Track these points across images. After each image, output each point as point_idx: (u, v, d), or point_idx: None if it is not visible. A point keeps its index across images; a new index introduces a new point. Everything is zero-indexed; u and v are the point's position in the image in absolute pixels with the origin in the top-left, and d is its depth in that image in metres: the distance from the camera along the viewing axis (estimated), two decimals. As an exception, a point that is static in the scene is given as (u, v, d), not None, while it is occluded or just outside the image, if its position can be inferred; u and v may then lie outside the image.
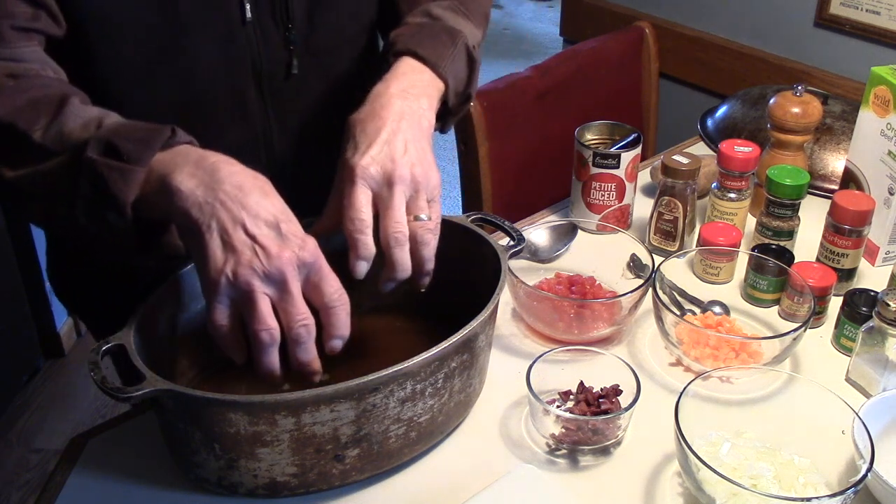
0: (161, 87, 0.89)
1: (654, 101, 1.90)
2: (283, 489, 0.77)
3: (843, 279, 1.06)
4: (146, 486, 0.81)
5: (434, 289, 0.97)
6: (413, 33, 0.94)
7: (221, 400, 0.70)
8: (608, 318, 0.97)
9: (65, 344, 2.50)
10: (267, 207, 0.72)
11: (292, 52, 0.95)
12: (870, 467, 0.72)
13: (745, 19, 1.88)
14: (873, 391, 0.91)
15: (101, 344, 0.75)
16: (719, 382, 0.86)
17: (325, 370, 0.92)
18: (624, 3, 2.10)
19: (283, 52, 0.94)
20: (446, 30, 0.96)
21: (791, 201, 1.08)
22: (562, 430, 0.84)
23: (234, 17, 0.89)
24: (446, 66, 0.92)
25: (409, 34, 0.94)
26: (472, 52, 0.97)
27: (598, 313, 0.97)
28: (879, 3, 1.64)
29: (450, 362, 0.78)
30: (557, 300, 0.97)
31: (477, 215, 0.95)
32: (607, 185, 1.15)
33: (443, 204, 0.87)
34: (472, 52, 0.97)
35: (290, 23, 0.93)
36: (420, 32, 0.95)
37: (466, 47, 0.96)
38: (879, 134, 1.11)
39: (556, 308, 0.97)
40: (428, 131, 0.87)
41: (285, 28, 0.93)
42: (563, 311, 0.96)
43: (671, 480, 0.82)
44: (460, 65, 0.95)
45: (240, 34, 0.90)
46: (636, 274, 1.05)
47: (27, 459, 2.17)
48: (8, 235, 2.24)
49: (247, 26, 0.90)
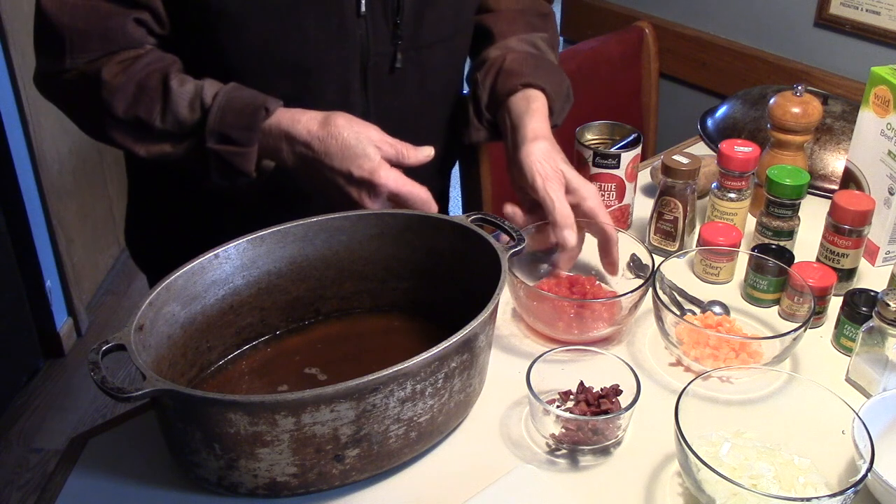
0: (272, 78, 0.97)
1: (654, 101, 1.90)
2: (283, 489, 0.77)
3: (843, 279, 1.06)
4: (146, 486, 0.81)
5: (434, 289, 0.97)
6: (535, 67, 1.08)
7: (221, 400, 0.70)
8: (608, 318, 0.97)
9: (65, 344, 2.50)
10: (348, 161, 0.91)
11: (398, 46, 1.01)
12: (870, 467, 0.72)
13: (745, 19, 1.88)
14: (873, 391, 0.91)
15: (100, 344, 0.75)
16: (719, 382, 0.86)
17: (325, 370, 0.93)
18: (624, 3, 2.10)
19: (389, 47, 1.01)
20: (553, 67, 1.12)
21: (791, 201, 1.08)
22: (562, 430, 0.84)
23: (350, 9, 0.96)
24: (557, 104, 1.09)
25: (531, 67, 1.08)
26: (569, 92, 1.13)
27: (598, 313, 0.97)
28: (879, 3, 1.64)
29: (450, 362, 0.78)
30: (557, 300, 0.97)
31: (477, 215, 0.95)
32: (607, 185, 1.15)
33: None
34: (570, 91, 1.14)
35: (399, 18, 0.99)
36: (540, 67, 1.09)
37: (568, 86, 1.12)
38: (879, 134, 1.11)
39: (556, 308, 0.97)
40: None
41: (394, 23, 0.99)
42: (562, 311, 0.96)
43: (671, 480, 0.82)
44: (561, 104, 1.11)
45: (353, 27, 0.97)
46: (636, 274, 1.05)
47: (27, 459, 2.17)
48: (8, 235, 2.23)
49: (360, 19, 0.97)
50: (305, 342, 0.96)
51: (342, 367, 0.92)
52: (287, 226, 0.92)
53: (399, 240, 0.96)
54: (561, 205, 0.97)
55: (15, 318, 2.31)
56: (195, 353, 0.88)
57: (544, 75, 1.08)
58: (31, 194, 2.30)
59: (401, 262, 0.97)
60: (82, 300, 2.61)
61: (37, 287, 2.37)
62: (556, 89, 1.08)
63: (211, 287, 0.88)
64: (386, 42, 1.00)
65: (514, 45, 1.12)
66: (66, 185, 2.50)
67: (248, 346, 0.94)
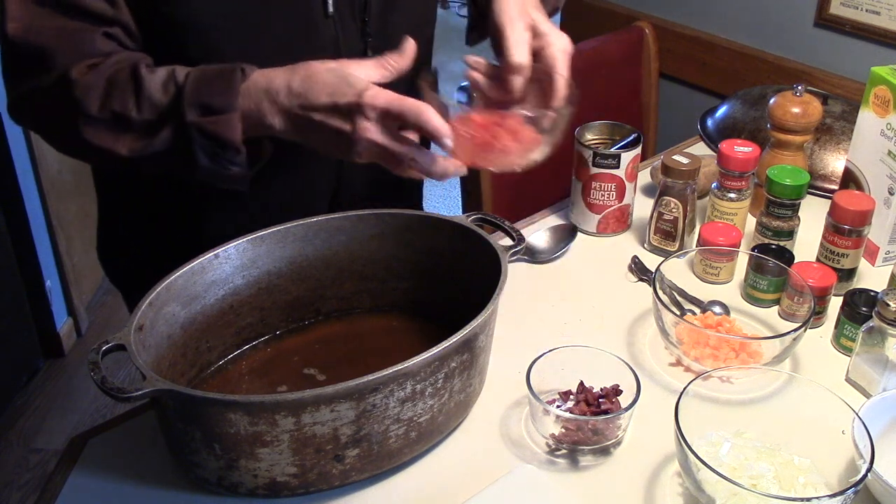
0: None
1: (654, 101, 1.90)
2: (283, 489, 0.77)
3: (843, 279, 1.06)
4: (146, 486, 0.81)
5: (434, 289, 0.97)
6: None
7: (221, 400, 0.70)
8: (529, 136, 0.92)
9: (65, 344, 2.50)
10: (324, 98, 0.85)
11: (368, 43, 1.01)
12: (870, 467, 0.72)
13: (745, 19, 1.88)
14: (873, 391, 0.91)
15: (100, 344, 0.75)
16: (719, 382, 0.86)
17: (324, 370, 0.93)
18: (624, 3, 2.10)
19: (359, 43, 1.01)
20: None
21: (791, 201, 1.08)
22: (562, 430, 0.84)
23: (318, 11, 0.96)
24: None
25: None
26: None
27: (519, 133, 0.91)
28: (879, 3, 1.64)
29: (450, 362, 0.78)
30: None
31: (477, 215, 0.95)
32: (607, 185, 1.15)
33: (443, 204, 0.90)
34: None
35: (366, 15, 0.99)
36: None
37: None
38: (879, 134, 1.11)
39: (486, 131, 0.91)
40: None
41: (362, 22, 0.99)
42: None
43: (671, 480, 0.82)
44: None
45: (323, 28, 0.97)
46: (639, 276, 1.05)
47: (27, 459, 2.17)
48: (8, 235, 2.23)
49: (329, 20, 0.96)
50: (305, 342, 0.96)
51: (342, 367, 0.92)
52: (287, 226, 0.92)
53: (399, 240, 0.96)
54: (517, 50, 0.93)
55: (15, 318, 2.31)
56: (195, 353, 0.88)
57: None
58: (31, 194, 2.30)
59: (401, 262, 0.97)
60: (82, 300, 2.61)
61: (37, 287, 2.37)
62: None
63: (211, 287, 0.88)
64: (356, 39, 1.00)
65: None
66: (66, 185, 2.50)
67: (247, 346, 0.94)
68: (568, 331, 1.02)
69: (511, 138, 0.89)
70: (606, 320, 1.04)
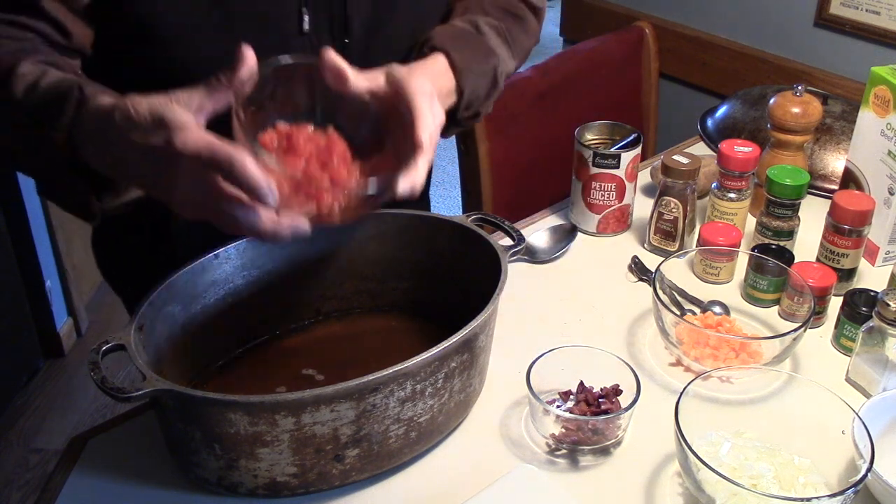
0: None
1: (654, 101, 1.90)
2: (283, 489, 0.77)
3: (843, 279, 1.06)
4: (146, 486, 0.81)
5: (434, 289, 0.97)
6: (454, 36, 0.96)
7: (221, 400, 0.70)
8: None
9: (65, 344, 2.50)
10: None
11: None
12: (870, 467, 0.72)
13: (745, 19, 1.88)
14: (873, 391, 0.91)
15: (101, 344, 0.75)
16: (719, 382, 0.86)
17: (324, 370, 0.93)
18: (624, 3, 2.10)
19: None
20: (485, 47, 0.98)
21: (791, 201, 1.08)
22: (562, 430, 0.84)
23: (291, 26, 0.90)
24: (469, 79, 0.94)
25: (449, 35, 0.96)
26: (498, 77, 0.99)
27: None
28: (879, 3, 1.64)
29: (450, 362, 0.78)
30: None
31: (477, 215, 0.95)
32: (607, 185, 1.15)
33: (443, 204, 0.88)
34: (499, 77, 0.99)
35: (348, 38, 0.93)
36: (461, 38, 0.96)
37: (495, 70, 0.98)
38: (879, 134, 1.11)
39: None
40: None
41: (342, 44, 0.93)
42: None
43: (671, 480, 0.82)
44: (482, 83, 0.96)
45: (295, 45, 0.91)
46: (639, 276, 1.05)
47: (27, 459, 2.17)
48: (8, 235, 2.24)
49: (303, 37, 0.91)
50: (305, 342, 0.96)
51: (342, 367, 0.92)
52: (287, 226, 0.92)
53: (399, 240, 0.96)
54: (425, 132, 0.75)
55: (15, 318, 2.31)
56: (195, 353, 0.88)
57: (459, 46, 0.93)
58: (31, 194, 2.29)
59: (401, 262, 0.97)
60: (82, 300, 2.61)
61: (37, 287, 2.37)
62: (466, 62, 0.93)
63: (211, 287, 0.88)
64: None
65: (454, 22, 0.99)
66: (66, 185, 2.50)
67: (247, 346, 0.94)
68: (568, 331, 1.02)
69: (334, 178, 0.73)
70: (606, 320, 1.04)
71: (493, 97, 1.00)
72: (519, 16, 1.07)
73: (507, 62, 1.01)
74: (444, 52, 0.92)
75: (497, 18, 1.03)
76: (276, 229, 0.69)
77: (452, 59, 0.92)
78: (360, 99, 0.77)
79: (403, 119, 0.75)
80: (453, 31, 0.97)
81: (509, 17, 1.05)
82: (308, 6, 0.89)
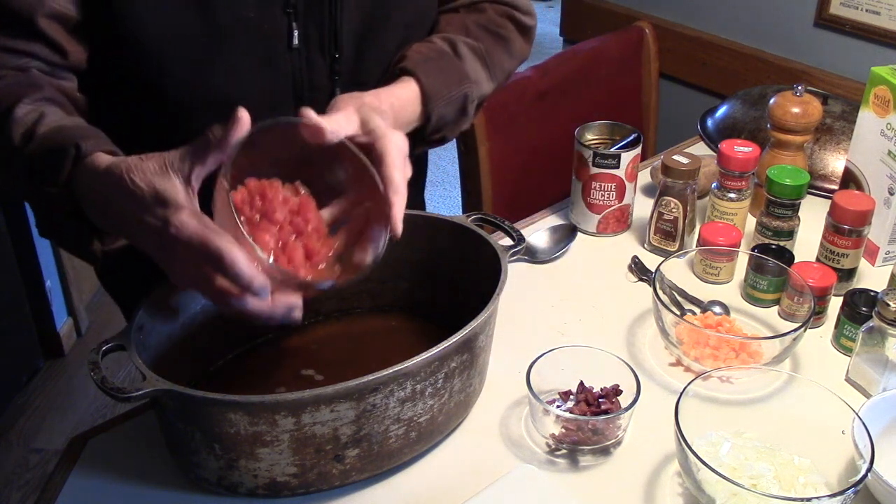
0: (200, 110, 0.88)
1: (654, 101, 1.90)
2: (283, 489, 0.77)
3: (843, 279, 1.06)
4: (146, 486, 0.81)
5: (434, 289, 0.97)
6: (428, 58, 0.95)
7: (221, 400, 0.70)
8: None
9: (65, 344, 2.50)
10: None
11: (336, 81, 0.94)
12: (870, 467, 0.72)
13: (745, 19, 1.88)
14: (873, 391, 0.91)
15: (101, 344, 0.75)
16: (719, 382, 0.86)
17: (324, 370, 0.92)
18: (624, 3, 2.10)
19: (327, 82, 0.94)
20: (459, 72, 0.97)
21: (791, 201, 1.08)
22: (562, 430, 0.84)
23: (280, 41, 0.89)
24: (438, 105, 0.93)
25: (423, 58, 0.95)
26: (468, 106, 0.98)
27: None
28: (879, 3, 1.64)
29: (450, 362, 0.78)
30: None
31: (477, 215, 0.95)
32: (607, 185, 1.15)
33: (443, 204, 0.88)
34: (469, 105, 0.98)
35: (338, 53, 0.93)
36: (435, 61, 0.95)
37: (466, 97, 0.97)
38: (879, 134, 1.12)
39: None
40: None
41: (332, 58, 0.93)
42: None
43: (671, 480, 0.82)
44: (451, 110, 0.96)
45: (284, 59, 0.90)
46: (639, 276, 1.05)
47: (27, 459, 2.17)
48: (8, 235, 2.24)
49: (292, 52, 0.90)
50: (305, 342, 0.96)
51: (342, 367, 0.92)
52: (287, 226, 0.92)
53: (399, 240, 0.96)
54: (398, 184, 0.80)
55: (15, 318, 2.31)
56: (195, 353, 0.88)
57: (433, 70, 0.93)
58: (31, 194, 2.30)
59: (401, 262, 0.97)
60: (82, 300, 2.61)
61: (37, 287, 2.37)
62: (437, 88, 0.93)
63: (211, 287, 0.88)
64: (324, 76, 0.93)
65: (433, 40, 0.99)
66: (66, 185, 2.50)
67: (247, 346, 0.94)
68: (568, 331, 1.02)
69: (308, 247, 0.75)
70: (606, 320, 1.04)
71: (463, 124, 1.00)
72: (503, 36, 1.05)
73: (482, 85, 1.00)
74: (416, 78, 0.92)
75: (478, 38, 1.01)
76: (270, 313, 0.70)
77: (423, 84, 0.92)
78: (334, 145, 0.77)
79: (376, 167, 0.78)
80: (428, 53, 0.96)
81: (492, 37, 1.04)
82: (298, 21, 0.89)
